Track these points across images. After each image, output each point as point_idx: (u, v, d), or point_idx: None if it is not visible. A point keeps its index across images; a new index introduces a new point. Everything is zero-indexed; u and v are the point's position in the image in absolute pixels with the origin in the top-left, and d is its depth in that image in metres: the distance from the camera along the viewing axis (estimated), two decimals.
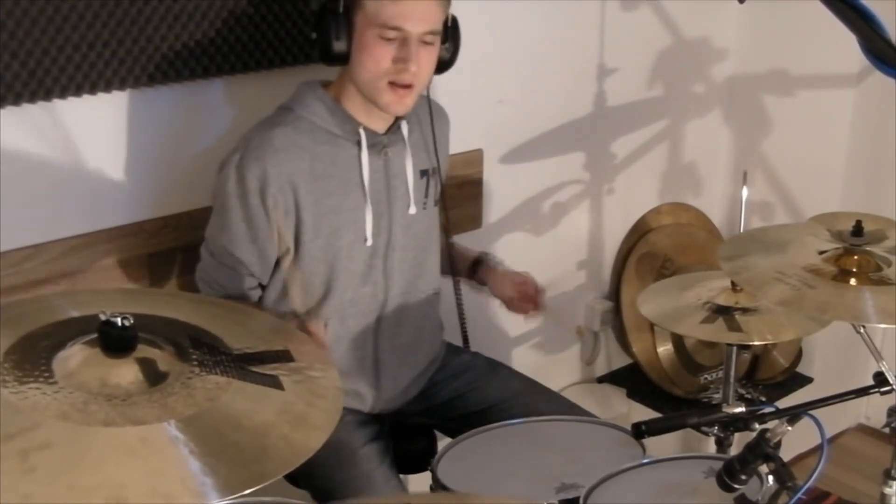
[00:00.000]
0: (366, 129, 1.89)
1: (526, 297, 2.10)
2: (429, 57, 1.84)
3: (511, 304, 2.13)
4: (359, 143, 1.88)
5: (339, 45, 1.81)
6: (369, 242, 1.92)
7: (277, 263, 1.91)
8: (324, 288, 1.92)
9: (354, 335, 1.97)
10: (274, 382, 1.27)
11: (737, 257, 1.87)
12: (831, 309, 1.72)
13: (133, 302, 1.40)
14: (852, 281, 1.75)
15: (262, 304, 1.95)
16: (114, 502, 1.05)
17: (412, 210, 1.97)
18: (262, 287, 1.94)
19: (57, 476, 1.07)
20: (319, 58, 1.85)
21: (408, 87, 1.82)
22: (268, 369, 1.29)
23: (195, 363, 1.25)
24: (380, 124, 1.91)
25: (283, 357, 1.33)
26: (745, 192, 2.33)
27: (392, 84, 1.81)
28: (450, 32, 1.89)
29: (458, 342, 2.20)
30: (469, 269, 2.19)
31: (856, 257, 1.79)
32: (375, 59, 1.80)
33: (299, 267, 1.89)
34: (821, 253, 1.81)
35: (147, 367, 1.21)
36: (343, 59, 1.83)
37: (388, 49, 1.79)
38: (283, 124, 1.85)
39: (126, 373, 1.20)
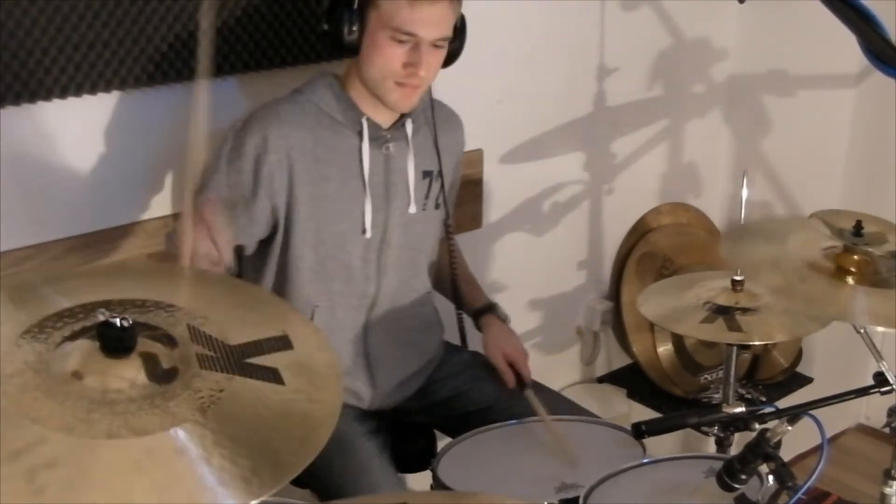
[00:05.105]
0: (369, 120, 1.90)
1: (509, 372, 2.05)
2: (437, 59, 1.87)
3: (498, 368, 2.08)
4: (360, 134, 1.90)
5: (349, 38, 1.83)
6: (368, 235, 1.93)
7: (267, 248, 1.92)
8: (311, 274, 1.93)
9: (345, 328, 1.98)
10: (274, 377, 1.26)
11: (737, 245, 1.87)
12: (824, 305, 1.72)
13: (128, 284, 1.37)
14: (849, 280, 1.75)
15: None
16: None
17: (412, 209, 1.98)
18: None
19: (65, 496, 1.05)
20: (329, 48, 1.87)
21: (415, 86, 1.86)
22: (267, 360, 1.27)
23: (195, 360, 1.23)
24: (384, 118, 1.93)
25: (282, 344, 1.32)
26: (745, 191, 2.33)
27: (399, 83, 1.84)
28: (458, 30, 1.90)
29: (458, 342, 2.20)
30: (474, 312, 2.15)
31: (855, 257, 1.79)
32: (385, 60, 1.82)
33: (289, 248, 1.90)
34: (823, 249, 1.81)
35: (149, 364, 1.20)
36: (352, 51, 1.85)
37: (400, 52, 1.82)
38: (291, 102, 1.89)
39: (127, 374, 1.19)
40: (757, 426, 1.57)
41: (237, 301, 1.41)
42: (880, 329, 1.72)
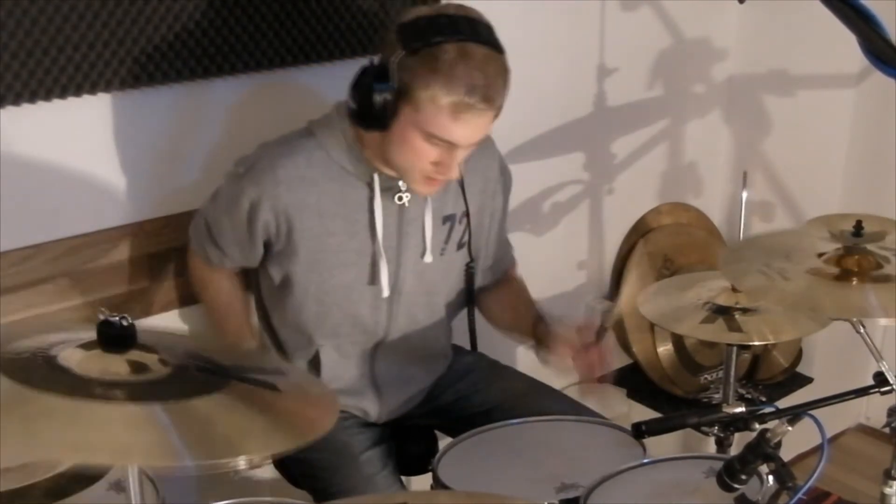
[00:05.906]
0: (381, 173, 1.81)
1: (583, 349, 1.92)
2: (467, 153, 1.75)
3: (574, 360, 1.93)
4: (371, 186, 1.81)
5: (377, 122, 1.68)
6: (385, 293, 1.87)
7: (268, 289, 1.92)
8: (314, 320, 1.89)
9: (351, 356, 1.95)
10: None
11: (736, 263, 1.86)
12: (831, 306, 1.72)
13: None
14: (854, 280, 1.74)
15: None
16: (119, 460, 1.05)
17: (428, 259, 1.89)
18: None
19: (60, 436, 1.06)
20: (350, 117, 1.74)
21: (443, 181, 1.77)
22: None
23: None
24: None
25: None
26: (745, 192, 2.33)
27: (426, 177, 1.74)
28: None
29: (466, 345, 2.18)
30: (532, 325, 2.04)
31: (856, 257, 1.78)
32: (415, 157, 1.70)
33: (291, 295, 1.86)
34: (820, 255, 1.81)
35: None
36: (378, 129, 1.71)
37: (432, 152, 1.70)
38: (297, 153, 1.78)
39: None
40: (757, 426, 1.57)
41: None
42: (882, 326, 1.71)
